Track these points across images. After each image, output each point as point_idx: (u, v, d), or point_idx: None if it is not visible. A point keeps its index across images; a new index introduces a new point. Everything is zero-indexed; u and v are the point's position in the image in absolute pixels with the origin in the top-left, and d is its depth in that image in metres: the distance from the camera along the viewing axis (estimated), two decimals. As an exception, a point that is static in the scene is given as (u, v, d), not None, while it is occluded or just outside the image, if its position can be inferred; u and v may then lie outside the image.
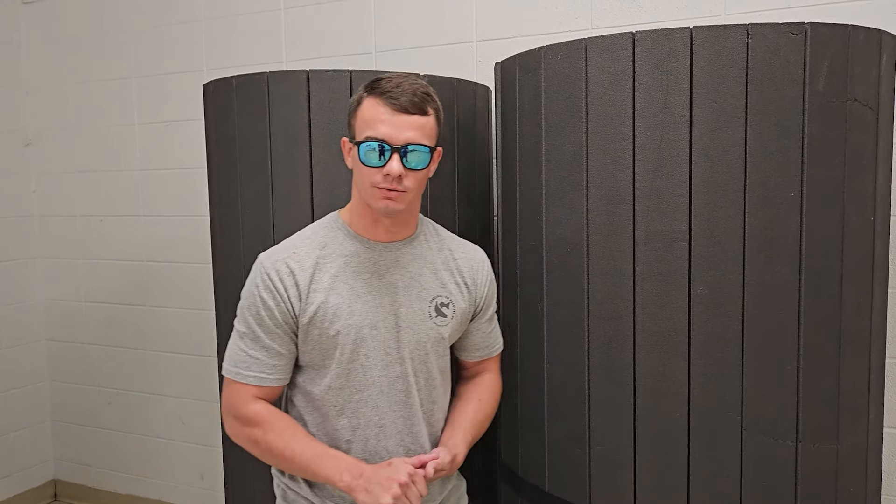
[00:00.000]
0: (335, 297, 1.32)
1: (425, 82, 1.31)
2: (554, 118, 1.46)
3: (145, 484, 3.01)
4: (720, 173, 1.31)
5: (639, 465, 1.41)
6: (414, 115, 1.26)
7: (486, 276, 1.48)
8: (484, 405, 1.48)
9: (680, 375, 1.36)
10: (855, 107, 1.33)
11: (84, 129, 2.94)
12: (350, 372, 1.34)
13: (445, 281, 1.41)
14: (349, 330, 1.32)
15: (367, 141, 1.26)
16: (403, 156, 1.26)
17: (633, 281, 1.38)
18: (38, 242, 3.11)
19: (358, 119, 1.29)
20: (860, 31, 1.33)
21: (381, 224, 1.36)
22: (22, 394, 3.07)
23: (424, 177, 1.33)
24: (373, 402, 1.35)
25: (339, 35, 2.43)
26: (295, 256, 1.34)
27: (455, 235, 1.51)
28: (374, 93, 1.27)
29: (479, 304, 1.47)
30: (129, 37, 2.81)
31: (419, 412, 1.39)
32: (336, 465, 1.28)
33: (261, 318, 1.33)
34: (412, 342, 1.37)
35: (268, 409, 1.35)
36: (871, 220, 1.40)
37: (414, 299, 1.37)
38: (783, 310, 1.33)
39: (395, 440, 1.37)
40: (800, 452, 1.35)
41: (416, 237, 1.42)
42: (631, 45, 1.34)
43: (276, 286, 1.32)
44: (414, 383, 1.38)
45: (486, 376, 1.53)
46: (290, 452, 1.31)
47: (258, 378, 1.34)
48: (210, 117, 1.82)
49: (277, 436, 1.32)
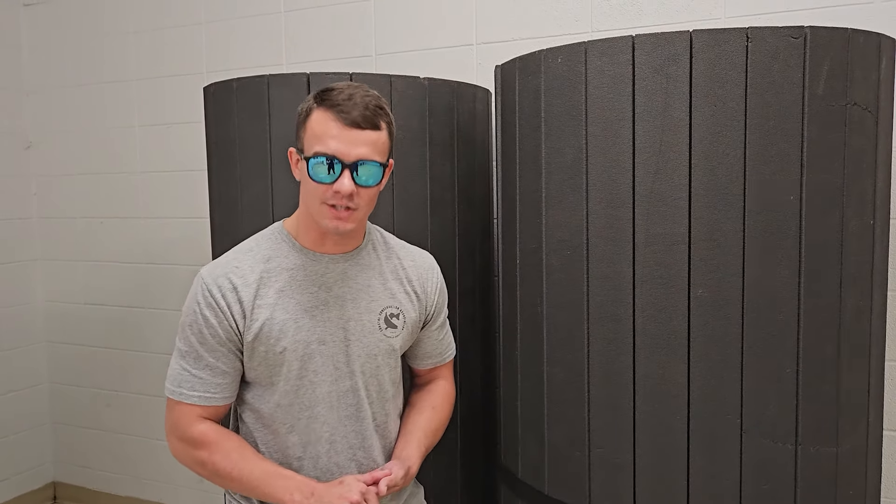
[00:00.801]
0: (281, 312, 1.28)
1: (377, 94, 1.26)
2: (554, 121, 1.46)
3: (145, 486, 3.01)
4: (720, 176, 1.31)
5: (638, 468, 1.41)
6: (366, 129, 1.21)
7: (435, 283, 1.45)
8: (438, 413, 1.47)
9: (680, 378, 1.37)
10: (854, 110, 1.33)
11: (84, 132, 2.95)
12: (299, 388, 1.31)
13: (395, 291, 1.38)
14: (296, 346, 1.29)
15: (317, 156, 1.21)
16: (354, 172, 1.21)
17: (632, 284, 1.39)
18: (39, 244, 3.11)
19: (307, 131, 1.24)
20: (860, 35, 1.33)
21: (328, 238, 1.32)
22: (21, 396, 3.07)
23: (376, 193, 1.28)
24: (322, 417, 1.32)
25: (339, 38, 2.43)
26: (238, 271, 1.29)
27: (403, 242, 1.47)
28: (325, 105, 1.22)
29: (429, 311, 1.44)
30: (129, 39, 2.81)
31: (371, 425, 1.36)
32: (286, 485, 1.25)
33: (203, 336, 1.28)
34: (362, 355, 1.34)
35: (214, 430, 1.30)
36: (870, 223, 1.40)
37: (363, 311, 1.34)
38: (783, 313, 1.33)
39: (346, 455, 1.34)
40: (799, 455, 1.35)
41: (363, 247, 1.38)
42: (631, 49, 1.35)
43: (219, 303, 1.27)
44: (365, 397, 1.35)
45: (439, 383, 1.51)
46: (237, 473, 1.27)
47: (203, 398, 1.29)
48: (210, 120, 1.82)
49: (224, 457, 1.28)
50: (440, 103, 1.74)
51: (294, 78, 1.64)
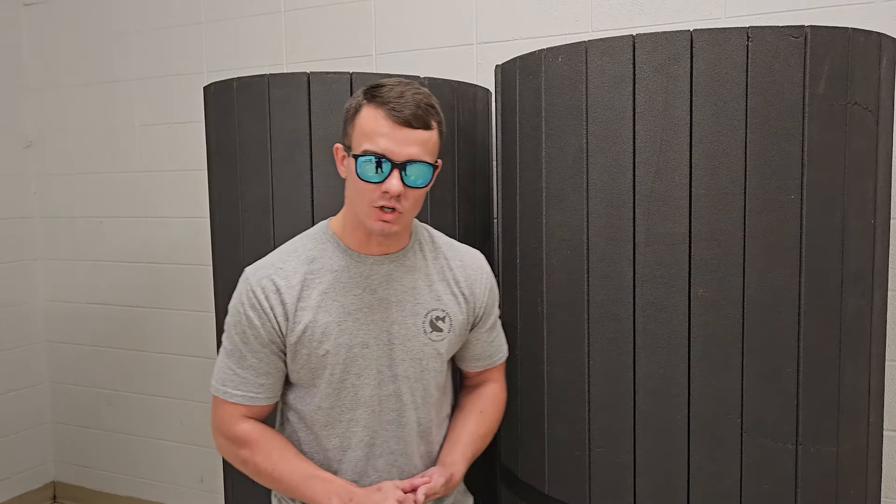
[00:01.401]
0: (324, 315, 1.26)
1: (428, 91, 1.23)
2: (554, 121, 1.46)
3: (145, 486, 3.01)
4: (720, 176, 1.31)
5: (639, 468, 1.41)
6: (417, 129, 1.18)
7: (484, 284, 1.40)
8: (486, 417, 1.42)
9: (680, 378, 1.37)
10: (855, 110, 1.33)
11: (85, 131, 2.95)
12: (340, 391, 1.29)
13: (441, 293, 1.34)
14: (339, 349, 1.27)
15: (366, 154, 1.17)
16: (403, 172, 1.18)
17: (633, 283, 1.39)
18: (39, 244, 3.12)
19: (356, 128, 1.20)
20: (860, 35, 1.33)
21: (373, 238, 1.29)
22: (22, 395, 3.07)
23: (423, 194, 1.24)
24: (363, 421, 1.30)
25: (339, 37, 2.43)
26: (282, 272, 1.28)
27: (453, 241, 1.43)
28: (375, 101, 1.18)
29: (477, 313, 1.39)
30: (129, 39, 2.81)
31: (414, 431, 1.33)
32: (325, 489, 1.24)
33: (246, 336, 1.28)
34: (406, 359, 1.31)
35: (257, 429, 1.31)
36: (871, 222, 1.40)
37: (407, 315, 1.31)
38: (783, 312, 1.33)
39: (386, 460, 1.32)
40: (800, 455, 1.35)
41: (409, 248, 1.34)
42: (631, 48, 1.35)
43: (262, 305, 1.26)
44: (409, 402, 1.32)
45: (489, 386, 1.46)
46: (277, 474, 1.28)
47: (246, 398, 1.29)
48: (211, 119, 1.82)
49: (266, 457, 1.28)
50: (440, 103, 1.74)
51: (294, 77, 1.64)
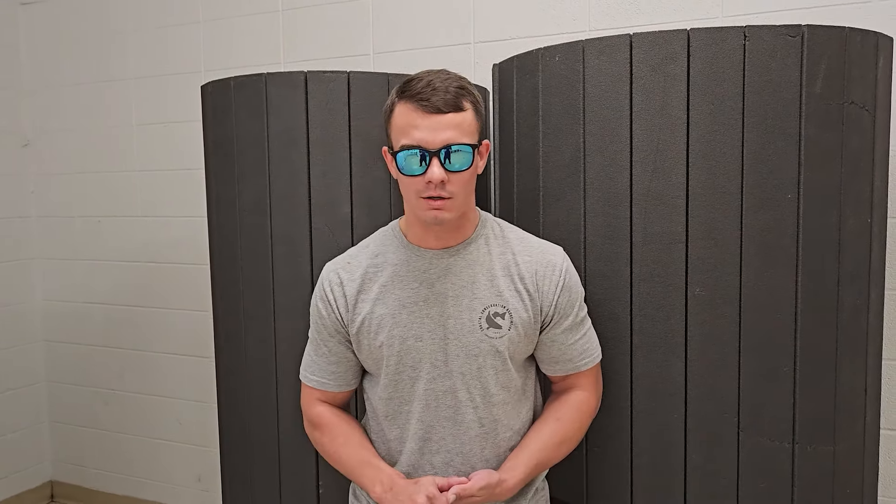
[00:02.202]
0: (381, 307, 1.30)
1: (458, 75, 1.22)
2: (552, 120, 1.46)
3: (142, 485, 3.00)
4: (717, 175, 1.31)
5: (636, 466, 1.41)
6: (448, 113, 1.18)
7: (555, 282, 1.31)
8: (563, 425, 1.33)
9: (677, 377, 1.37)
10: (852, 109, 1.33)
11: (82, 130, 2.94)
12: (398, 383, 1.31)
13: (502, 288, 1.29)
14: (392, 341, 1.29)
15: (403, 149, 1.19)
16: (445, 159, 1.18)
17: (630, 282, 1.39)
18: (36, 243, 3.11)
19: (393, 127, 1.23)
20: (857, 34, 1.33)
21: (431, 231, 1.29)
22: (19, 395, 3.07)
23: (472, 177, 1.23)
24: (418, 415, 1.31)
25: (337, 37, 2.43)
26: (348, 266, 1.34)
27: (529, 236, 1.37)
28: (405, 97, 1.19)
29: (546, 312, 1.31)
30: (127, 38, 2.81)
31: (473, 430, 1.30)
32: (372, 476, 1.29)
33: (318, 326, 1.36)
34: (461, 355, 1.28)
35: (329, 413, 1.38)
36: (867, 221, 1.40)
37: (464, 309, 1.28)
38: (780, 311, 1.33)
39: (443, 458, 1.31)
40: (797, 454, 1.36)
41: (472, 241, 1.32)
42: (628, 47, 1.35)
43: (328, 296, 1.33)
44: (467, 400, 1.29)
45: (573, 393, 1.36)
46: (337, 456, 1.35)
47: (319, 382, 1.37)
48: (208, 118, 1.82)
49: (332, 440, 1.36)
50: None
51: (292, 76, 1.64)
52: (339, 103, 1.62)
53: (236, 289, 1.73)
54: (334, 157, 1.62)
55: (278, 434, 1.68)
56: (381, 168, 1.64)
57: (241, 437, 1.77)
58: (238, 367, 1.74)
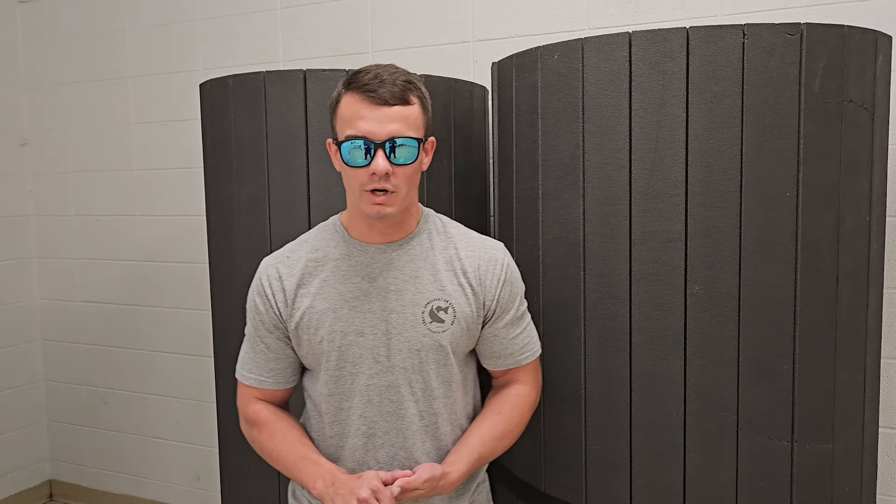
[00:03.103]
0: (321, 302, 1.28)
1: (406, 69, 1.23)
2: (550, 118, 1.46)
3: (141, 484, 3.00)
4: (716, 173, 1.31)
5: (634, 465, 1.41)
6: (395, 105, 1.17)
7: (497, 276, 1.33)
8: (504, 419, 1.35)
9: (676, 375, 1.37)
10: (850, 107, 1.33)
11: (81, 129, 2.94)
12: (339, 379, 1.30)
13: (445, 283, 1.30)
14: (333, 336, 1.28)
15: (349, 139, 1.18)
16: (389, 151, 1.17)
17: (629, 281, 1.39)
18: (34, 242, 3.11)
19: (338, 118, 1.22)
20: (856, 32, 1.33)
21: (374, 226, 1.28)
22: (17, 394, 3.06)
23: (416, 172, 1.23)
24: (360, 410, 1.30)
25: (335, 35, 2.43)
26: (287, 261, 1.32)
27: (470, 231, 1.39)
28: (352, 87, 1.19)
29: (489, 307, 1.33)
30: (125, 36, 2.80)
31: (415, 424, 1.31)
32: (312, 472, 1.26)
33: (255, 322, 1.33)
34: (404, 350, 1.28)
35: (266, 410, 1.35)
36: (866, 220, 1.40)
37: (407, 304, 1.28)
38: (779, 310, 1.33)
39: (386, 452, 1.31)
40: (795, 452, 1.36)
41: (415, 236, 1.32)
42: (627, 45, 1.34)
43: (266, 291, 1.31)
44: (409, 394, 1.30)
45: (513, 388, 1.39)
46: (276, 454, 1.32)
47: (257, 381, 1.35)
48: (206, 117, 1.82)
49: (269, 437, 1.33)
50: (437, 100, 1.74)
51: (290, 75, 1.63)
52: (338, 101, 1.61)
53: (235, 287, 1.73)
54: (333, 156, 1.62)
55: (277, 433, 1.68)
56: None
57: (239, 435, 1.76)
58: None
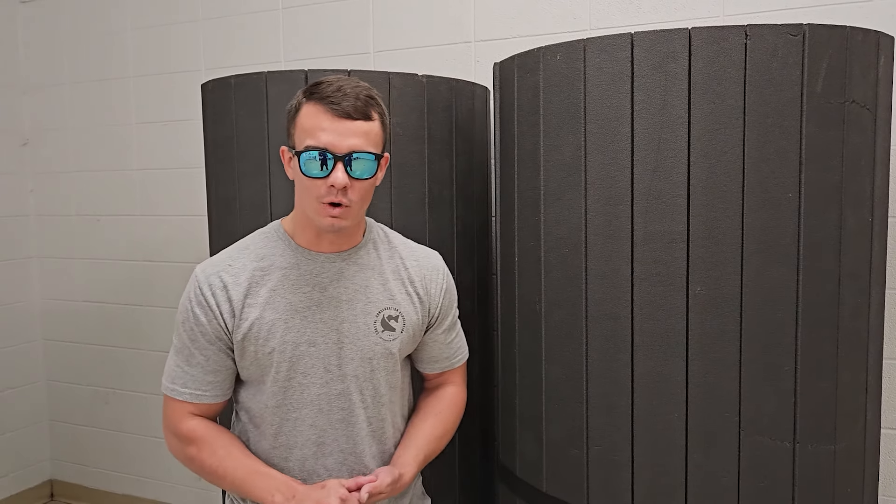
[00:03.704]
0: (271, 312, 1.26)
1: (367, 85, 1.22)
2: (552, 119, 1.46)
3: (142, 484, 3.01)
4: (718, 174, 1.31)
5: (636, 466, 1.41)
6: (357, 120, 1.17)
7: (440, 285, 1.39)
8: (442, 419, 1.41)
9: (678, 376, 1.37)
10: (853, 108, 1.33)
11: (82, 129, 2.94)
12: (287, 390, 1.28)
13: (394, 292, 1.33)
14: (285, 347, 1.26)
15: (308, 150, 1.17)
16: (348, 165, 1.17)
17: (631, 281, 1.39)
18: (35, 242, 3.11)
19: (297, 127, 1.20)
20: (858, 33, 1.33)
21: (324, 236, 1.28)
22: (19, 394, 3.06)
23: (371, 187, 1.24)
24: (311, 420, 1.29)
25: (337, 35, 2.43)
26: (230, 269, 1.28)
27: (409, 241, 1.42)
28: (314, 98, 1.18)
29: (433, 314, 1.38)
30: (126, 36, 2.80)
31: (364, 430, 1.32)
32: (267, 485, 1.24)
33: (194, 334, 1.27)
34: (356, 359, 1.29)
35: (203, 426, 1.30)
36: (868, 220, 1.40)
37: (359, 313, 1.29)
38: (781, 310, 1.33)
39: (336, 458, 1.31)
40: (797, 453, 1.36)
41: (363, 246, 1.33)
42: (629, 46, 1.34)
43: (209, 301, 1.26)
44: (359, 401, 1.31)
45: (447, 389, 1.46)
46: (222, 471, 1.27)
47: (193, 395, 1.29)
48: (208, 117, 1.82)
49: (211, 454, 1.28)
50: (438, 101, 1.74)
51: (292, 75, 1.63)
52: (340, 102, 1.61)
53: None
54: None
55: (278, 433, 1.68)
56: (382, 167, 1.64)
57: (241, 435, 1.76)
58: (238, 365, 1.74)
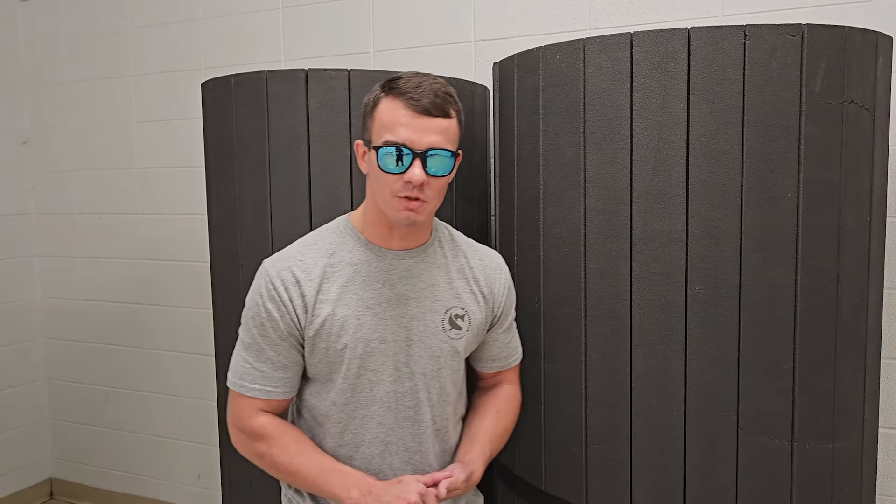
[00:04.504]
0: (343, 308, 1.25)
1: (444, 81, 1.22)
2: (552, 118, 1.46)
3: (142, 483, 3.01)
4: (717, 173, 1.31)
5: (635, 464, 1.42)
6: (437, 117, 1.17)
7: (503, 285, 1.39)
8: (503, 417, 1.41)
9: (677, 375, 1.37)
10: (851, 108, 1.34)
11: (82, 128, 2.94)
12: (356, 387, 1.28)
13: (460, 291, 1.33)
14: (357, 344, 1.26)
15: (387, 145, 1.17)
16: (425, 161, 1.17)
17: (630, 280, 1.39)
18: (36, 241, 3.11)
19: (375, 121, 1.20)
20: (857, 33, 1.34)
21: (395, 232, 1.28)
22: (19, 392, 3.07)
23: (446, 184, 1.23)
24: (378, 418, 1.29)
25: (337, 34, 2.43)
26: (301, 264, 1.27)
27: (471, 240, 1.43)
28: (393, 93, 1.18)
29: (496, 313, 1.39)
30: (127, 35, 2.81)
31: (429, 429, 1.32)
32: (343, 482, 1.23)
33: (265, 329, 1.27)
34: (424, 356, 1.29)
35: (273, 423, 1.30)
36: (867, 220, 1.40)
37: (427, 311, 1.29)
38: (780, 310, 1.33)
39: (401, 457, 1.31)
40: (795, 452, 1.36)
41: (430, 244, 1.33)
42: (629, 46, 1.35)
43: (281, 296, 1.25)
44: (426, 399, 1.31)
45: (504, 387, 1.46)
46: (295, 468, 1.26)
47: (263, 391, 1.28)
48: (208, 116, 1.82)
49: (282, 450, 1.27)
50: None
51: (292, 74, 1.64)
52: (340, 101, 1.62)
53: (236, 286, 1.73)
54: (335, 155, 1.63)
55: (278, 431, 1.68)
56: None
57: (241, 434, 1.77)
58: (238, 364, 1.74)
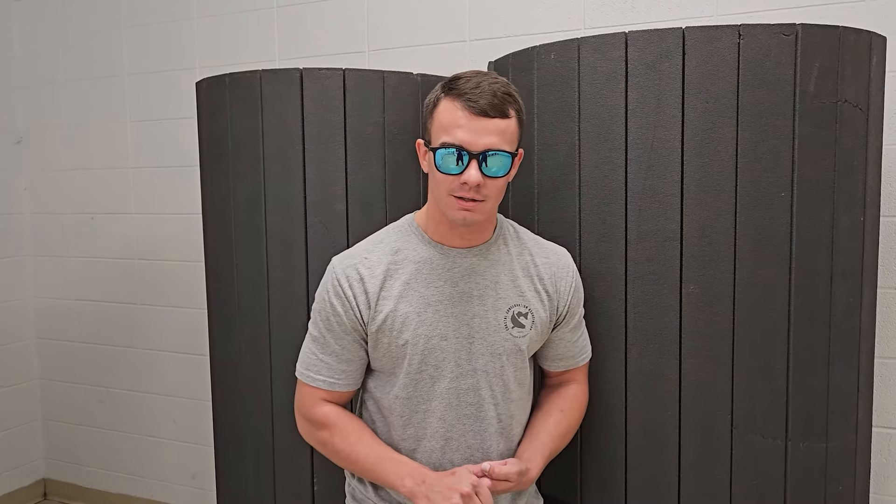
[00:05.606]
0: (405, 305, 1.28)
1: (506, 80, 1.22)
2: (547, 117, 1.46)
3: (136, 483, 3.00)
4: (712, 173, 1.31)
5: (630, 464, 1.42)
6: (494, 118, 1.17)
7: (569, 283, 1.37)
8: (566, 416, 1.39)
9: (671, 374, 1.37)
10: (845, 108, 1.34)
11: (76, 127, 2.93)
12: (418, 382, 1.30)
13: (524, 289, 1.33)
14: (417, 340, 1.27)
15: (444, 147, 1.18)
16: (482, 162, 1.18)
17: (624, 280, 1.39)
18: (29, 240, 3.10)
19: (434, 122, 1.22)
20: (851, 33, 1.34)
21: (457, 231, 1.29)
22: (12, 392, 3.05)
23: (504, 183, 1.24)
24: (439, 413, 1.30)
25: (332, 33, 2.42)
26: (366, 262, 1.30)
27: (538, 237, 1.42)
28: (452, 94, 1.19)
29: (561, 312, 1.37)
30: (121, 34, 2.79)
31: (493, 426, 1.32)
32: (398, 471, 1.26)
33: (330, 323, 1.31)
34: (486, 354, 1.30)
35: (336, 412, 1.34)
36: (860, 220, 1.41)
37: (489, 309, 1.30)
38: (774, 309, 1.33)
39: (462, 454, 1.32)
40: (789, 451, 1.36)
41: (493, 242, 1.34)
42: (623, 45, 1.35)
43: (346, 292, 1.29)
44: (489, 397, 1.31)
45: (571, 386, 1.43)
46: (354, 456, 1.30)
47: (327, 382, 1.32)
48: (203, 115, 1.82)
49: (343, 438, 1.31)
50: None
51: (287, 73, 1.63)
52: (335, 100, 1.62)
53: (231, 286, 1.73)
54: (329, 154, 1.62)
55: (273, 431, 1.68)
56: (377, 165, 1.64)
57: (235, 434, 1.76)
58: (232, 364, 1.74)
